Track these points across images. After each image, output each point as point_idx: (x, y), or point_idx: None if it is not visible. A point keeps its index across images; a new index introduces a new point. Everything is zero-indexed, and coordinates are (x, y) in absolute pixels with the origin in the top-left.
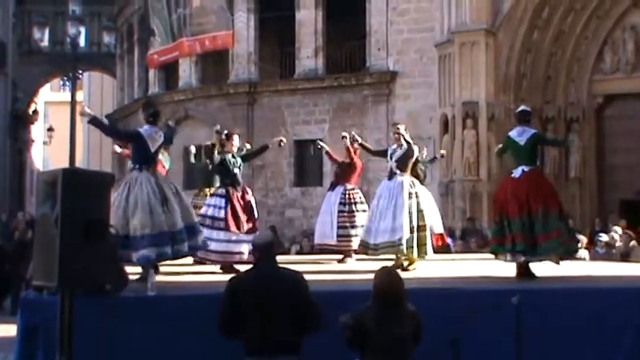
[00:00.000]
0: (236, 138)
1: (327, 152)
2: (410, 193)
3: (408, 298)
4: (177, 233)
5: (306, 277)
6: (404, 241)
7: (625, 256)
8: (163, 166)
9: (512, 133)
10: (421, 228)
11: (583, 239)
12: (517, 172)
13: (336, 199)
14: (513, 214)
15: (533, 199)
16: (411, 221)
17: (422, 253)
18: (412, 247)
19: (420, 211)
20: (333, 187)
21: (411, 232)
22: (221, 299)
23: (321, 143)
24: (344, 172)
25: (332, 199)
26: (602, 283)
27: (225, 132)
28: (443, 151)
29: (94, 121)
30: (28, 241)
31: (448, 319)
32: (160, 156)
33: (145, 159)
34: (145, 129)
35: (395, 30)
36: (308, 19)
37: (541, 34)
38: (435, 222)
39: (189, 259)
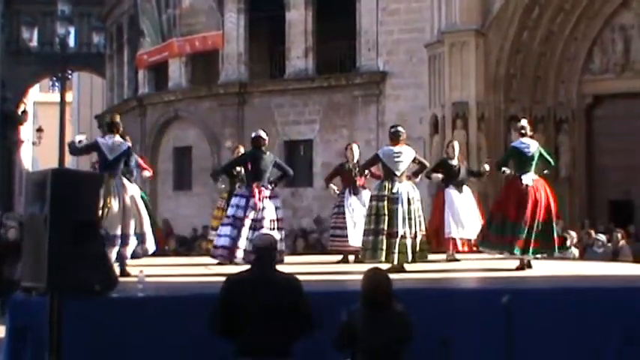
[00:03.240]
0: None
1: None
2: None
3: (396, 299)
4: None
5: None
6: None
7: (615, 255)
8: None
9: (519, 145)
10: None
11: (573, 235)
12: (527, 179)
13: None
14: (515, 218)
15: (539, 209)
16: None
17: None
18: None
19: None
20: (357, 191)
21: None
22: (212, 299)
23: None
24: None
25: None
26: (591, 282)
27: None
28: (487, 165)
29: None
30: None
31: (438, 319)
32: None
33: (105, 165)
34: (103, 138)
35: (385, 30)
36: (298, 19)
37: (531, 34)
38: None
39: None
